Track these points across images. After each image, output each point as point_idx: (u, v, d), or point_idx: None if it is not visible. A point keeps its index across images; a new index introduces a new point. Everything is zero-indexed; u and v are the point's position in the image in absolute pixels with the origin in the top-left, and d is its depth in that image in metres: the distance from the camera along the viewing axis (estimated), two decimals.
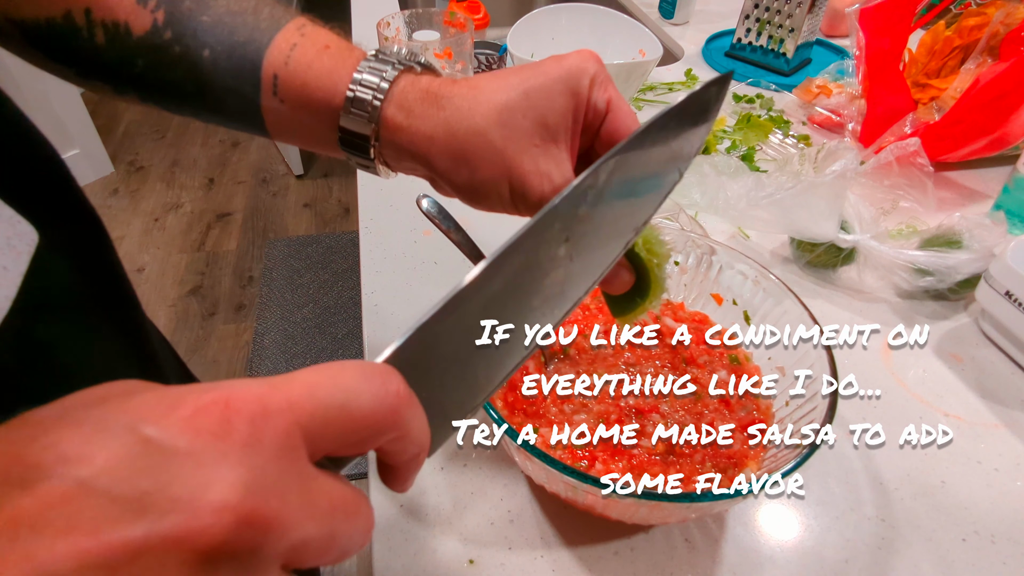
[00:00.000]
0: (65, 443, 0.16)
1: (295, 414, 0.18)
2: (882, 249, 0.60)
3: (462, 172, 0.33)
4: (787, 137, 0.87)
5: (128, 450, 0.16)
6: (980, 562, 0.44)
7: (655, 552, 0.43)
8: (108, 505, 0.15)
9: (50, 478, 0.15)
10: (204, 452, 0.16)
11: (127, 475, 0.15)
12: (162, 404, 0.17)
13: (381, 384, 0.20)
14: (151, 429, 0.16)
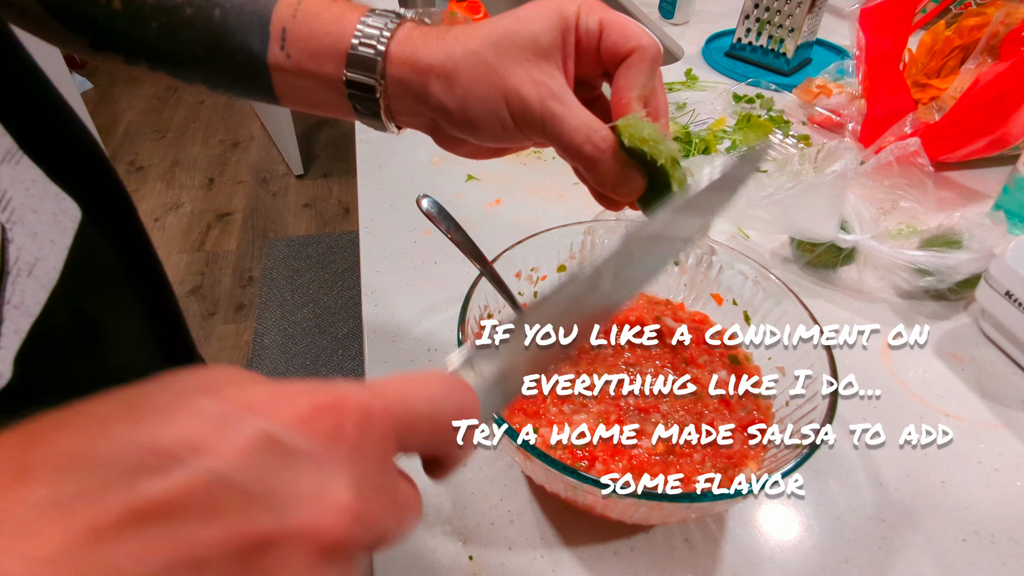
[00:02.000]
0: (196, 434, 0.16)
1: (392, 419, 0.20)
2: (882, 249, 0.60)
3: (458, 94, 0.34)
4: (787, 137, 0.87)
5: (254, 446, 0.17)
6: (980, 562, 0.44)
7: (655, 552, 0.43)
8: (241, 498, 0.16)
9: (187, 468, 0.16)
10: (321, 453, 0.17)
11: (256, 471, 0.16)
12: (279, 401, 0.18)
13: (461, 399, 0.22)
14: (273, 426, 0.17)
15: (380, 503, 0.19)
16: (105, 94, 2.95)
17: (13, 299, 0.25)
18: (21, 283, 0.26)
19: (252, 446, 0.17)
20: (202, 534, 0.15)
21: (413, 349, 0.57)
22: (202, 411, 0.17)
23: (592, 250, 0.55)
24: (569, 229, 0.53)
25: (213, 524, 0.15)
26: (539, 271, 0.53)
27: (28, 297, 0.26)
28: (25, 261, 0.26)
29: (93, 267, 0.31)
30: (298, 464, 0.17)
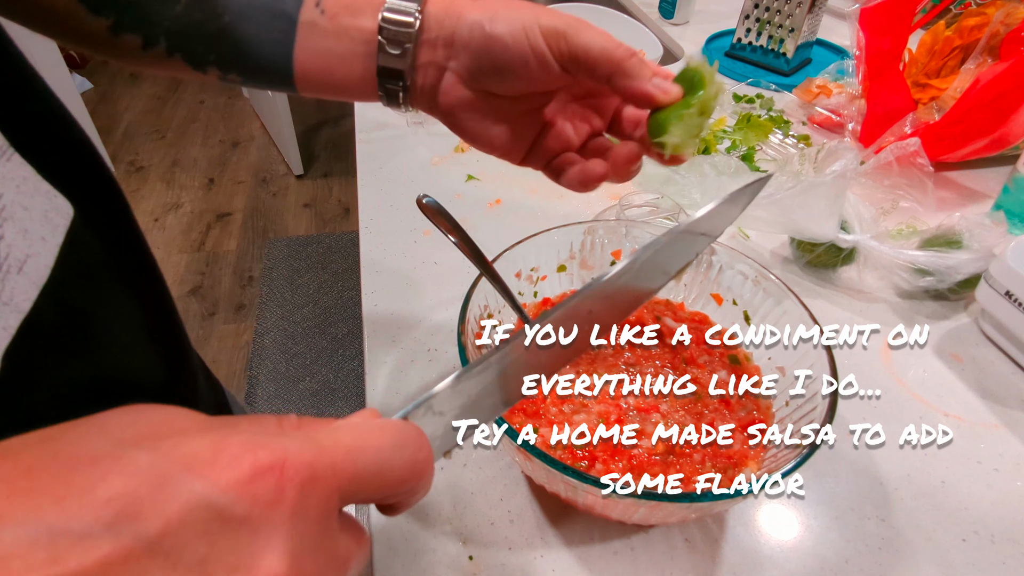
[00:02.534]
0: (128, 494, 0.16)
1: (337, 480, 0.19)
2: (882, 249, 0.60)
3: (490, 12, 0.35)
4: (787, 137, 0.87)
5: (189, 512, 0.16)
6: (980, 562, 0.44)
7: (655, 552, 0.43)
8: (171, 569, 0.16)
9: (115, 535, 0.15)
10: (258, 519, 0.17)
11: (189, 539, 0.16)
12: (219, 459, 0.17)
13: (413, 453, 0.22)
14: (211, 491, 0.16)
15: (317, 565, 0.19)
16: (105, 94, 2.95)
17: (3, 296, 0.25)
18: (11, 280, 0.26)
19: (187, 511, 0.16)
20: None
21: (413, 349, 0.57)
22: (137, 467, 0.16)
23: (592, 250, 0.55)
24: (569, 229, 0.53)
25: None
26: (539, 271, 0.53)
27: (18, 294, 0.26)
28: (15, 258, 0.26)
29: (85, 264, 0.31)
30: (233, 531, 0.17)
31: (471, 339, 0.45)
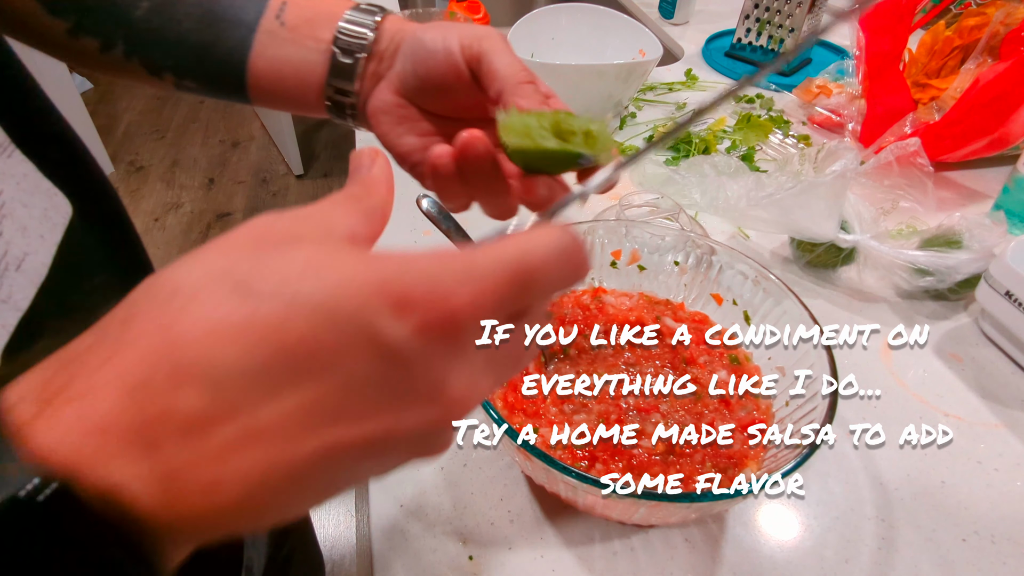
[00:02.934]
0: (318, 342, 0.17)
1: (500, 302, 0.20)
2: (882, 249, 0.60)
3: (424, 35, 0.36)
4: (787, 137, 0.88)
5: (371, 347, 0.17)
6: (980, 562, 0.44)
7: (655, 552, 0.43)
8: (367, 399, 0.18)
9: (315, 374, 0.17)
10: (432, 354, 0.18)
11: (377, 373, 0.17)
12: (388, 296, 0.18)
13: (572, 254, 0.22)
14: (382, 326, 0.17)
15: (489, 381, 0.21)
16: (105, 94, 2.95)
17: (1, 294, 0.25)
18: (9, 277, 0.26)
19: (372, 351, 0.17)
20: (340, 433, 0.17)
21: None
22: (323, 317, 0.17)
23: (592, 250, 0.55)
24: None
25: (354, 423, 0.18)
26: None
27: (16, 292, 0.26)
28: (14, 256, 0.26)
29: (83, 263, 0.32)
30: (413, 366, 0.18)
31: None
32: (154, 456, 0.15)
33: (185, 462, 0.16)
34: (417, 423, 0.19)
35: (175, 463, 0.16)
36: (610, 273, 0.56)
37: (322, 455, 0.17)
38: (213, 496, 0.16)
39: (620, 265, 0.55)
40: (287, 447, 0.17)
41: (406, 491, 0.47)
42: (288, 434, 0.17)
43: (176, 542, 0.17)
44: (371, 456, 0.19)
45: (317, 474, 0.18)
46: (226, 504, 0.16)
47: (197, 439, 0.16)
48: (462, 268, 0.19)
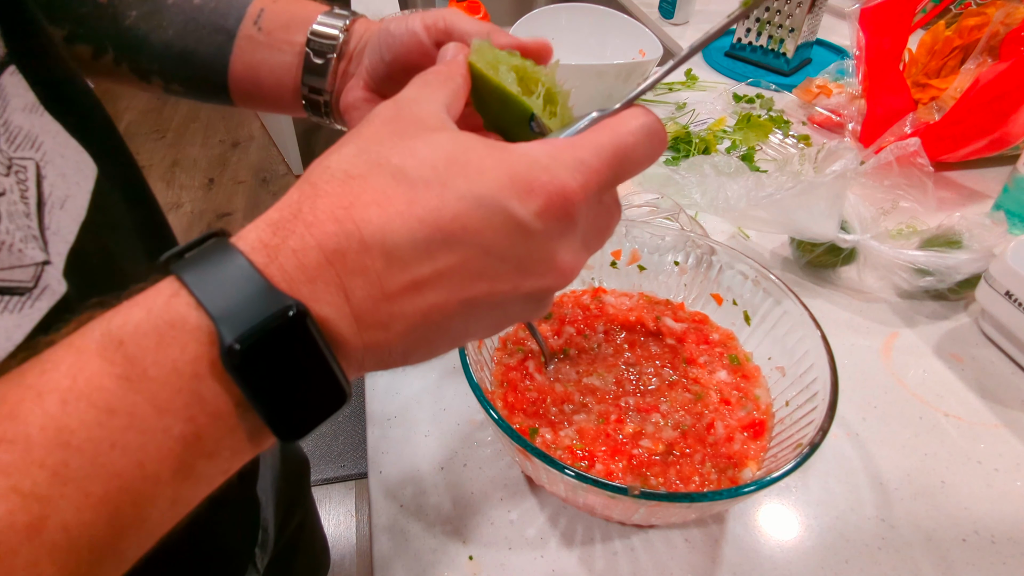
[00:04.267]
0: (466, 221, 0.21)
1: (602, 186, 0.24)
2: (882, 249, 0.60)
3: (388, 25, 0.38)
4: (787, 137, 0.88)
5: (501, 225, 0.22)
6: (980, 562, 0.44)
7: (655, 552, 0.43)
8: (500, 264, 0.23)
9: (463, 245, 0.22)
10: (552, 233, 0.23)
11: (508, 245, 0.22)
12: (517, 185, 0.22)
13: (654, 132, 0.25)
14: (514, 209, 0.22)
15: (591, 250, 0.26)
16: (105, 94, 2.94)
17: (52, 227, 0.28)
18: (56, 214, 0.28)
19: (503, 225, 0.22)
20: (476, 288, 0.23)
21: None
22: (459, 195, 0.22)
23: None
24: None
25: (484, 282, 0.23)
26: None
27: (63, 227, 0.29)
28: (57, 196, 0.29)
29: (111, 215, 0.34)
30: (536, 240, 0.23)
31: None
32: (349, 301, 0.21)
33: (369, 306, 0.21)
34: (533, 287, 0.24)
35: (363, 306, 0.21)
36: (610, 273, 0.56)
37: (463, 304, 0.23)
38: (386, 331, 0.22)
39: (620, 265, 0.55)
40: (439, 296, 0.22)
41: (406, 491, 0.47)
42: (441, 287, 0.22)
43: (355, 366, 0.23)
44: (495, 311, 0.24)
45: (456, 320, 0.23)
46: (393, 338, 0.22)
47: (376, 290, 0.21)
48: (572, 160, 0.23)
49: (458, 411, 0.52)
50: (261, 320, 0.19)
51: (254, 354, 0.19)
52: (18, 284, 0.26)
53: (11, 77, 0.28)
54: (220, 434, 0.20)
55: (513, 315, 0.25)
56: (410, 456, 0.49)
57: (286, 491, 0.60)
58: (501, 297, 0.23)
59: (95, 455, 0.18)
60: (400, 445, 0.50)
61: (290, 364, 0.20)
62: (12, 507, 0.17)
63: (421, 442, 0.50)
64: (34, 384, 0.18)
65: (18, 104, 0.28)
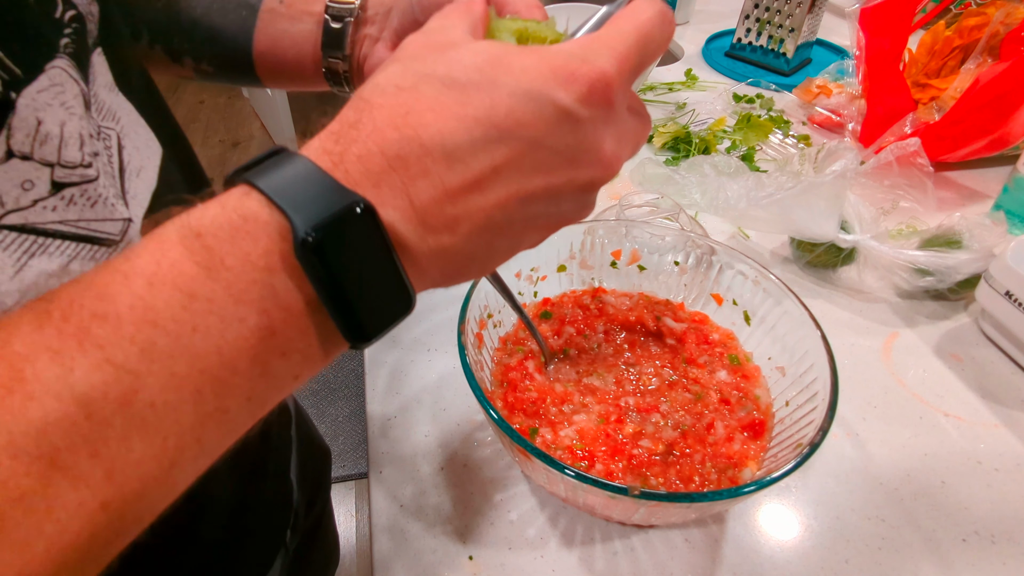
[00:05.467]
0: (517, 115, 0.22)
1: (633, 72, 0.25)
2: (882, 249, 0.60)
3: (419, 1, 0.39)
4: (787, 137, 0.87)
5: (551, 115, 0.23)
6: (980, 562, 0.44)
7: (655, 552, 0.43)
8: (553, 156, 0.23)
9: (517, 139, 0.22)
10: (597, 120, 0.24)
11: (559, 135, 0.23)
12: (559, 76, 0.23)
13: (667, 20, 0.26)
14: (561, 99, 0.22)
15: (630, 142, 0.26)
16: None
17: (130, 192, 0.29)
18: (133, 181, 0.30)
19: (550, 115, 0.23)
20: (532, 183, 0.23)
21: (413, 349, 0.57)
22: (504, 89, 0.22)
23: (592, 250, 0.55)
24: (569, 229, 0.53)
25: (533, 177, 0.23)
26: (539, 271, 0.53)
27: (140, 192, 0.30)
28: (134, 166, 0.30)
29: (176, 191, 0.35)
30: (584, 129, 0.23)
31: (471, 339, 0.45)
32: (414, 204, 0.22)
33: (434, 209, 0.22)
34: (583, 178, 0.24)
35: (427, 209, 0.22)
36: (610, 273, 0.56)
37: (521, 200, 0.23)
38: (451, 233, 0.23)
39: (620, 265, 0.55)
40: (499, 194, 0.23)
41: (406, 491, 0.47)
42: (500, 184, 0.23)
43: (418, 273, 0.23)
44: (549, 207, 0.25)
45: (516, 220, 0.24)
46: (458, 241, 0.23)
47: (439, 191, 0.22)
48: (603, 48, 0.24)
49: (458, 411, 0.52)
50: (332, 213, 0.20)
51: (326, 246, 0.20)
52: (108, 236, 0.28)
53: (98, 57, 0.30)
54: (292, 332, 0.21)
55: (565, 212, 0.26)
56: (410, 456, 0.49)
57: (311, 478, 0.61)
58: (556, 190, 0.24)
59: (179, 335, 0.19)
60: (400, 445, 0.50)
61: (359, 260, 0.21)
62: (107, 378, 0.17)
63: (421, 442, 0.50)
64: (120, 268, 0.19)
65: (102, 82, 0.30)
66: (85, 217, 0.26)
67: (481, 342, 0.47)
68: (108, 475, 0.18)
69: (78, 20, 0.28)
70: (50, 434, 0.17)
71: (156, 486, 0.19)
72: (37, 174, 0.24)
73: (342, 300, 0.21)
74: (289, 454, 0.55)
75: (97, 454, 0.17)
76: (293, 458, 0.56)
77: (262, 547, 0.49)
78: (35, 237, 0.25)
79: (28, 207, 0.24)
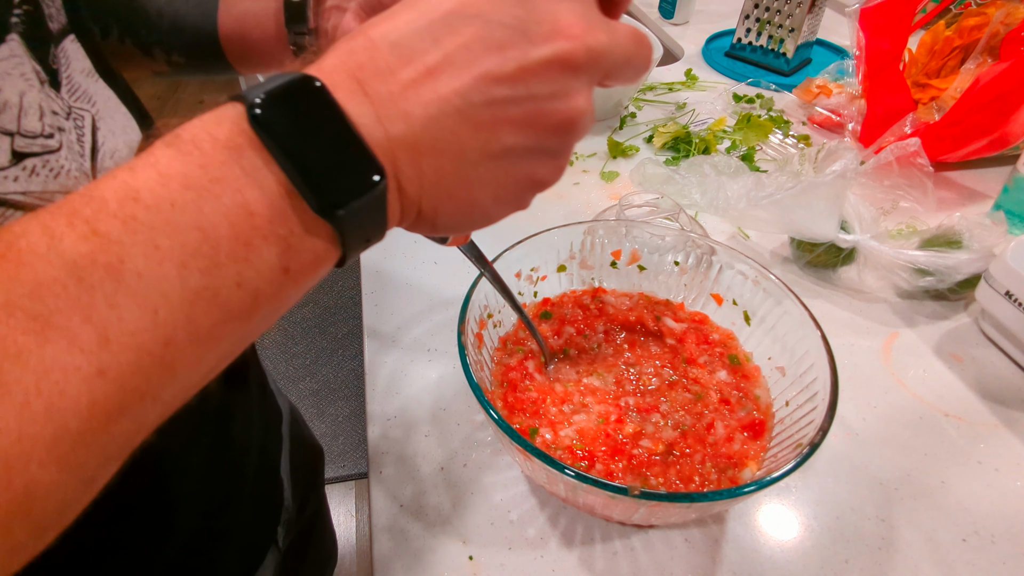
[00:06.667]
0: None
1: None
2: (882, 249, 0.60)
3: None
4: (787, 137, 0.87)
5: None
6: (980, 562, 0.44)
7: (655, 552, 0.43)
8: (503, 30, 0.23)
9: (464, 19, 0.22)
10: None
11: (507, 7, 0.23)
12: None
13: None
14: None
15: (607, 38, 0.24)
16: None
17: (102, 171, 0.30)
18: (107, 163, 0.31)
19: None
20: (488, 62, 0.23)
21: (413, 349, 0.57)
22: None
23: (592, 250, 0.55)
24: (569, 229, 0.53)
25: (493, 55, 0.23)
26: (539, 271, 0.53)
27: None
28: (109, 148, 0.31)
29: None
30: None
31: (471, 339, 0.45)
32: (367, 94, 0.22)
33: (386, 98, 0.22)
34: (544, 53, 0.23)
35: (381, 98, 0.22)
36: (610, 273, 0.56)
37: (478, 81, 0.22)
38: (407, 122, 0.22)
39: (620, 265, 0.55)
40: (454, 79, 0.22)
41: (406, 491, 0.47)
42: (453, 69, 0.22)
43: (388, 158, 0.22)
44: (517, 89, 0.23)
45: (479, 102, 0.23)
46: (417, 132, 0.22)
47: (392, 83, 0.22)
48: None
49: (458, 411, 0.52)
50: (281, 83, 0.21)
51: (276, 110, 0.21)
52: None
53: (72, 44, 0.30)
54: (270, 213, 0.21)
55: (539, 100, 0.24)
56: (410, 456, 0.49)
57: (303, 477, 0.61)
58: (517, 73, 0.23)
59: (158, 209, 0.19)
60: (400, 445, 0.50)
61: (312, 125, 0.21)
62: (93, 247, 0.18)
63: (421, 442, 0.50)
64: (110, 171, 0.20)
65: (78, 67, 0.30)
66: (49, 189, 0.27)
67: (481, 342, 0.47)
68: (102, 340, 0.18)
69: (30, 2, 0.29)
70: (43, 295, 0.17)
71: (152, 362, 0.19)
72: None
73: (303, 164, 0.21)
74: (279, 451, 0.55)
75: (89, 318, 0.18)
76: (284, 456, 0.56)
77: (250, 542, 0.49)
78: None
79: None
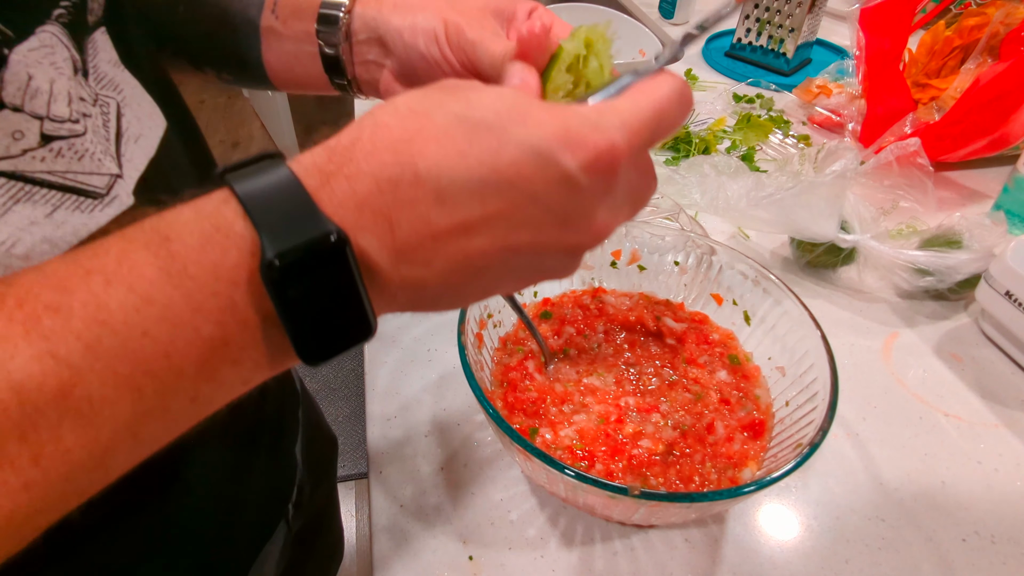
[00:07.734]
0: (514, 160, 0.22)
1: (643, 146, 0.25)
2: (882, 249, 0.60)
3: (407, 18, 0.37)
4: (787, 137, 0.87)
5: (553, 175, 0.22)
6: (980, 562, 0.44)
7: (655, 552, 0.43)
8: (545, 213, 0.23)
9: (515, 191, 0.22)
10: (595, 189, 0.23)
11: (556, 197, 0.23)
12: (570, 139, 0.23)
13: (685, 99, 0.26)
14: (566, 161, 0.22)
15: (629, 209, 0.26)
16: None
17: (126, 156, 0.31)
18: (131, 146, 0.31)
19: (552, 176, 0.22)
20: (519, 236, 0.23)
21: (413, 349, 0.57)
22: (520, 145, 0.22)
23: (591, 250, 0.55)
24: None
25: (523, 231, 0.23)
26: None
27: (136, 158, 0.31)
28: (132, 132, 0.32)
29: (177, 162, 0.36)
30: (582, 195, 0.23)
31: (471, 339, 0.45)
32: (393, 233, 0.22)
33: (414, 241, 0.22)
34: (570, 242, 0.24)
35: (407, 241, 0.22)
36: (610, 273, 0.56)
37: (504, 251, 0.23)
38: (426, 268, 0.23)
39: (620, 265, 0.55)
40: (484, 242, 0.23)
41: (406, 491, 0.47)
42: (487, 233, 0.22)
43: (387, 299, 0.23)
44: (532, 261, 0.24)
45: (495, 268, 0.24)
46: (430, 277, 0.23)
47: (423, 226, 0.22)
48: (618, 120, 0.24)
49: (458, 411, 0.52)
50: (303, 241, 0.20)
51: (291, 272, 0.20)
52: (93, 189, 0.28)
53: (101, 35, 0.31)
54: (246, 344, 0.21)
55: (546, 269, 0.26)
56: (410, 456, 0.49)
57: (316, 461, 0.61)
58: (541, 248, 0.24)
59: (127, 337, 0.19)
60: (400, 445, 0.50)
61: (323, 288, 0.21)
62: (46, 369, 0.18)
63: (421, 442, 0.50)
64: (84, 263, 0.20)
65: (105, 57, 0.31)
66: (72, 169, 0.27)
67: (481, 342, 0.47)
68: (34, 459, 0.18)
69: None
70: None
71: (85, 472, 0.19)
72: (27, 125, 0.25)
73: (300, 324, 0.21)
74: (295, 432, 0.55)
75: (25, 439, 0.18)
76: (299, 437, 0.56)
77: (261, 516, 0.49)
78: (22, 184, 0.25)
79: (18, 156, 0.25)
